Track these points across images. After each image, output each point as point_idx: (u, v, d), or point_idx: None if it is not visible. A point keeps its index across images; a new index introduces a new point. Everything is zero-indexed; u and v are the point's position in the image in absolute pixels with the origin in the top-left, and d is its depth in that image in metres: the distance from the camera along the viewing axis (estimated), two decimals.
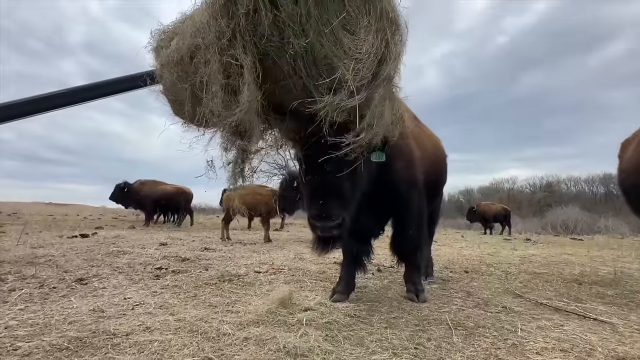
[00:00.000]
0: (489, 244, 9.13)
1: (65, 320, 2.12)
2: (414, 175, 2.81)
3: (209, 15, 1.55)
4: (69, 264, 3.97)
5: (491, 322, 2.32)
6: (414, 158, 2.82)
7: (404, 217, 2.85)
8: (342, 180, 2.04)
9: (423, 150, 3.05)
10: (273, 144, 2.17)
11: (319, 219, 2.04)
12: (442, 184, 3.86)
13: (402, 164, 2.68)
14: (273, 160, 2.25)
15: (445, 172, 3.83)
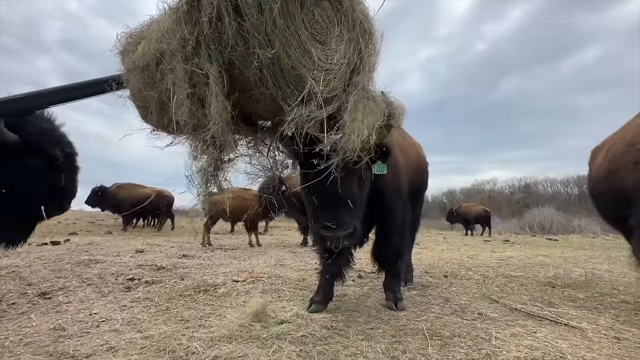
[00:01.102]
0: (469, 246, 9.32)
1: (21, 342, 1.98)
2: (399, 184, 2.83)
3: (173, 21, 1.48)
4: (34, 276, 3.74)
5: (467, 330, 2.33)
6: (399, 167, 2.83)
7: (387, 225, 2.85)
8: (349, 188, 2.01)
9: (407, 158, 3.09)
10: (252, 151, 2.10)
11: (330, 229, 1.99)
12: (424, 191, 3.92)
13: (389, 173, 2.69)
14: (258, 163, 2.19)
15: (427, 180, 3.86)
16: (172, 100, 1.65)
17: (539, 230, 19.31)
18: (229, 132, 1.52)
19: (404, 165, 2.95)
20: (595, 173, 3.23)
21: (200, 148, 1.76)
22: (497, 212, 29.28)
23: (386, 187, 2.70)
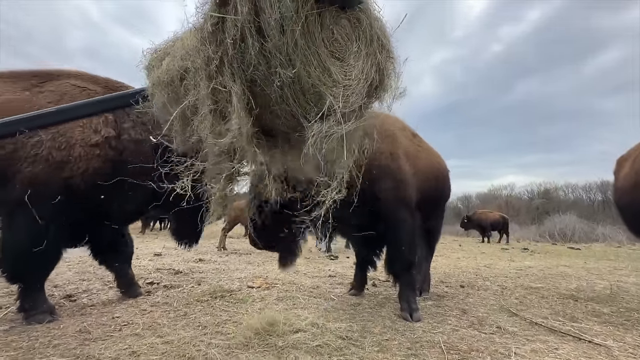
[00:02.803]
0: (486, 254, 9.10)
1: (49, 344, 2.07)
2: (403, 195, 2.82)
3: (198, 41, 1.54)
4: (60, 278, 3.91)
5: (485, 344, 2.29)
6: (404, 177, 2.84)
7: (394, 236, 2.86)
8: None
9: (417, 168, 3.07)
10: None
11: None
12: (443, 199, 3.85)
13: (391, 184, 2.71)
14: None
15: (447, 188, 3.82)
16: (195, 114, 1.71)
17: (559, 238, 18.66)
18: (250, 146, 1.56)
19: (410, 173, 2.96)
20: (622, 183, 3.13)
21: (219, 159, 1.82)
22: (515, 218, 28.48)
23: (387, 197, 2.72)
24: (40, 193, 2.34)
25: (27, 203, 2.28)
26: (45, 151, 2.36)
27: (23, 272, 2.48)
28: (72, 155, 2.44)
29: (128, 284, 3.24)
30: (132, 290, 3.23)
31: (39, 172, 2.33)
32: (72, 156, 2.44)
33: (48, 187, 2.37)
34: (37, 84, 2.58)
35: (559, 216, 21.98)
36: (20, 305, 2.48)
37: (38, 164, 2.34)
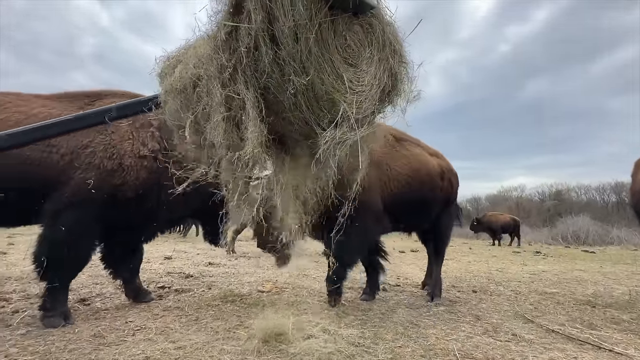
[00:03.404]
0: (497, 258, 8.95)
1: (65, 348, 2.10)
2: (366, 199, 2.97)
3: (211, 49, 1.56)
4: (74, 281, 3.96)
5: (501, 352, 2.24)
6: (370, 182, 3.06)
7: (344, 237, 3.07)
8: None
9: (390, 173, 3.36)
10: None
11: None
12: (434, 201, 3.79)
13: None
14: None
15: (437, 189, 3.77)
16: (207, 121, 1.73)
17: (573, 240, 18.23)
18: (263, 153, 1.56)
19: (376, 179, 3.23)
20: None
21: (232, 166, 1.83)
22: (526, 220, 27.97)
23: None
24: (91, 197, 2.55)
25: (74, 206, 2.52)
26: (97, 160, 2.59)
27: (55, 270, 2.60)
28: (122, 164, 2.68)
29: (136, 291, 3.27)
30: (141, 296, 3.25)
31: (89, 177, 2.54)
32: (122, 166, 2.68)
33: (98, 191, 2.57)
34: (89, 103, 2.83)
35: (571, 218, 21.49)
36: (42, 303, 2.57)
37: (90, 171, 2.56)
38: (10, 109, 2.54)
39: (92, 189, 2.55)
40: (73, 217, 2.53)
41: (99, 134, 2.66)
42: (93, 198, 2.57)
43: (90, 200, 2.57)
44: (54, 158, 2.51)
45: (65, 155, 2.55)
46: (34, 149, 2.45)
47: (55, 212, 2.53)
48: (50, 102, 2.73)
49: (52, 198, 2.53)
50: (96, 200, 2.58)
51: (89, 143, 2.61)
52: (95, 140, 2.64)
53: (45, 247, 2.56)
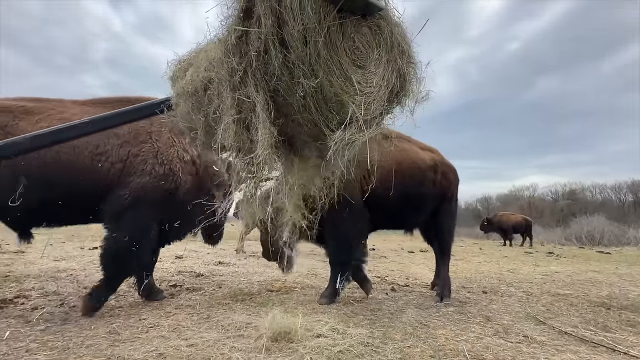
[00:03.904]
0: (508, 258, 8.82)
1: (82, 344, 2.17)
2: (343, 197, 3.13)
3: (222, 52, 1.59)
4: (89, 279, 4.08)
5: (512, 354, 2.22)
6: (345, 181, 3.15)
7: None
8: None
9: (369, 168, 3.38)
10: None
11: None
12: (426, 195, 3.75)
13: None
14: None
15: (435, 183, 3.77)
16: (218, 123, 1.77)
17: (587, 241, 17.81)
18: (273, 155, 1.59)
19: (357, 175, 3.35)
20: None
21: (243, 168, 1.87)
22: (538, 220, 27.43)
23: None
24: (147, 197, 2.83)
25: (133, 208, 2.79)
26: (149, 167, 2.86)
27: (120, 266, 2.88)
28: (172, 169, 2.95)
29: (149, 290, 3.34)
30: (153, 294, 3.33)
31: (145, 182, 2.82)
32: (172, 170, 2.95)
33: (152, 193, 2.84)
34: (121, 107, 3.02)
35: (586, 218, 21.00)
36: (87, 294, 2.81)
37: (144, 176, 2.83)
38: (54, 115, 2.75)
39: (147, 192, 2.82)
40: (133, 219, 2.80)
41: (145, 143, 2.91)
42: (149, 201, 2.83)
43: (146, 203, 2.82)
44: (105, 166, 2.76)
45: (116, 163, 2.80)
46: (85, 156, 2.71)
47: (117, 214, 2.79)
48: (87, 107, 2.93)
49: (111, 201, 2.79)
50: (151, 203, 2.84)
51: (139, 152, 2.87)
52: (144, 148, 2.89)
53: (109, 246, 2.84)
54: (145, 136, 2.93)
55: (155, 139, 2.95)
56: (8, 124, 2.60)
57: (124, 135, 2.85)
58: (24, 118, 2.66)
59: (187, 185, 3.06)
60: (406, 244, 12.31)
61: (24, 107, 2.73)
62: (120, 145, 2.82)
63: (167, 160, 2.94)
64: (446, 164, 4.02)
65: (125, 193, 2.78)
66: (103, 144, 2.76)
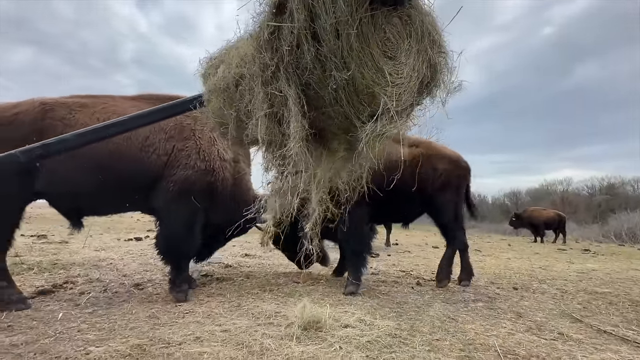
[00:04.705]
0: (540, 255, 8.45)
1: (126, 326, 2.33)
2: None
3: (254, 49, 1.63)
4: (127, 268, 4.35)
5: (546, 351, 2.16)
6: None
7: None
8: None
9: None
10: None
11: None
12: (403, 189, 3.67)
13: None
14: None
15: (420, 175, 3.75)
16: (250, 118, 1.82)
17: (628, 238, 16.70)
18: (304, 148, 1.62)
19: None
20: None
21: (273, 162, 1.92)
22: (572, 216, 25.95)
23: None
24: (191, 190, 3.06)
25: (179, 198, 3.03)
26: (192, 162, 3.09)
27: (174, 253, 3.15)
28: (213, 165, 3.18)
29: None
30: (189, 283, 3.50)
31: (189, 174, 3.06)
32: (213, 166, 3.18)
33: (196, 186, 3.08)
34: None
35: (626, 214, 19.61)
36: (170, 279, 3.14)
37: (188, 169, 3.06)
38: (107, 108, 3.00)
39: (191, 184, 3.05)
40: (180, 208, 3.06)
41: (189, 140, 3.13)
42: (193, 192, 3.06)
43: (191, 194, 3.04)
44: (152, 157, 2.99)
45: (162, 155, 3.02)
46: (135, 146, 2.94)
47: (167, 202, 3.04)
48: (135, 102, 3.19)
49: (159, 192, 3.04)
50: (195, 195, 3.07)
51: (183, 147, 3.09)
52: (187, 144, 3.11)
53: (162, 234, 3.15)
54: (189, 133, 3.14)
55: (199, 137, 3.15)
56: (66, 116, 2.85)
57: (169, 130, 3.07)
58: (80, 111, 2.92)
59: (226, 182, 3.29)
60: (430, 239, 12.08)
61: (80, 102, 3.00)
62: (167, 139, 3.05)
63: (208, 157, 3.15)
64: (437, 155, 4.03)
65: (171, 185, 3.01)
66: (152, 136, 2.98)
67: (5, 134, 2.67)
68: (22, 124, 2.74)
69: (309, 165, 1.94)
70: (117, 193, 3.02)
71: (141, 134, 2.95)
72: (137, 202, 3.17)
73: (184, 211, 3.07)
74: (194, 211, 3.13)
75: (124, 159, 2.89)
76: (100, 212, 3.38)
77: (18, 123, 2.75)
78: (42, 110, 2.83)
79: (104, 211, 3.38)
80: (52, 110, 2.84)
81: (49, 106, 2.86)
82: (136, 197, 3.08)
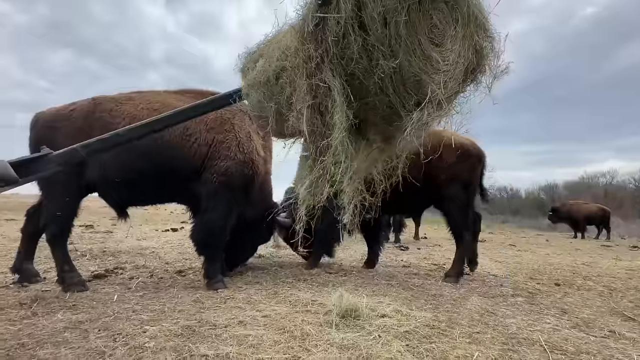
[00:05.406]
0: (582, 251, 7.98)
1: (175, 309, 2.49)
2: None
3: (297, 41, 1.66)
4: (168, 256, 4.62)
5: (597, 348, 2.06)
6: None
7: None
8: None
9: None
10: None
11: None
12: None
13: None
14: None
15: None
16: (291, 110, 1.86)
17: None
18: (346, 139, 1.64)
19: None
20: None
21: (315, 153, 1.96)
22: (617, 211, 24.04)
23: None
24: (231, 181, 3.19)
25: (220, 190, 3.15)
26: (232, 153, 3.21)
27: (211, 244, 3.22)
28: (252, 157, 3.31)
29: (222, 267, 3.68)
30: (224, 271, 3.66)
31: (229, 165, 3.18)
32: (252, 158, 3.30)
33: (235, 178, 3.20)
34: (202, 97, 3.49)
35: None
36: (205, 272, 3.22)
37: (228, 161, 3.18)
38: (151, 100, 3.20)
39: (231, 175, 3.17)
40: (221, 200, 3.17)
41: (229, 132, 3.26)
42: (232, 184, 3.19)
43: (230, 186, 3.18)
44: (193, 147, 3.11)
45: (202, 145, 3.14)
46: (176, 135, 3.05)
47: (208, 195, 3.15)
48: (179, 95, 3.36)
49: (201, 183, 3.16)
50: (234, 187, 3.20)
51: (224, 139, 3.21)
52: (228, 137, 3.23)
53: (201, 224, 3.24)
54: (229, 125, 3.26)
55: (238, 130, 3.27)
56: (113, 109, 3.08)
57: (210, 122, 3.19)
58: (127, 103, 3.14)
59: (259, 177, 3.42)
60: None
61: (127, 96, 3.23)
62: (207, 130, 3.17)
63: (247, 150, 3.28)
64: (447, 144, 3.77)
65: (213, 176, 3.13)
66: (192, 126, 3.11)
67: (65, 127, 2.99)
68: (77, 118, 3.03)
69: (349, 155, 1.96)
70: (160, 182, 3.15)
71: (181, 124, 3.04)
72: (179, 193, 3.32)
73: (224, 202, 3.17)
74: (232, 203, 3.24)
75: (166, 148, 3.02)
76: (144, 202, 3.54)
77: (74, 118, 3.03)
78: (92, 104, 3.09)
79: (147, 201, 3.54)
80: (101, 105, 3.09)
81: (98, 101, 3.12)
82: (178, 187, 3.22)
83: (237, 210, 3.33)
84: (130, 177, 3.02)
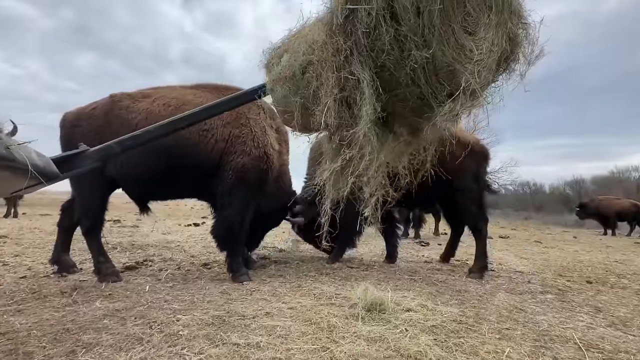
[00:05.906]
0: (614, 249, 7.61)
1: (204, 300, 2.57)
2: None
3: (325, 34, 1.66)
4: (193, 250, 4.76)
5: (636, 347, 1.98)
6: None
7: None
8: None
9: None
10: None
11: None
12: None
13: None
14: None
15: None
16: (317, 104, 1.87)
17: None
18: (373, 132, 1.63)
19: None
20: None
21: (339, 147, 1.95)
22: None
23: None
24: (247, 177, 3.21)
25: (237, 186, 3.19)
26: (248, 148, 3.24)
27: (231, 239, 3.28)
28: (267, 153, 3.33)
29: (245, 260, 3.76)
30: (249, 264, 3.75)
31: (245, 161, 3.21)
32: (267, 153, 3.32)
33: (251, 173, 3.23)
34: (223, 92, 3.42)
35: None
36: (229, 266, 3.28)
37: (244, 156, 3.22)
38: (167, 96, 3.27)
39: (247, 171, 3.19)
40: (238, 196, 3.20)
41: (245, 127, 3.29)
42: (248, 179, 3.22)
43: (247, 181, 3.21)
44: (210, 142, 3.15)
45: (219, 141, 3.18)
46: (194, 131, 3.06)
47: (225, 191, 3.20)
48: (194, 90, 3.41)
49: (219, 179, 3.20)
50: (250, 182, 3.23)
51: (240, 133, 3.24)
52: (243, 131, 3.25)
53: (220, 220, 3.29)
54: (244, 120, 3.29)
55: (253, 125, 3.30)
56: (130, 105, 3.18)
57: (225, 117, 3.21)
58: (143, 100, 3.22)
59: (274, 171, 3.44)
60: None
61: (143, 93, 3.33)
62: (223, 125, 3.21)
63: (262, 144, 3.30)
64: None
65: (230, 173, 3.16)
66: (209, 122, 3.13)
67: (88, 125, 3.14)
68: (97, 116, 3.16)
69: (374, 148, 1.94)
70: (181, 177, 3.21)
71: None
72: (198, 188, 3.38)
73: (240, 198, 3.22)
74: (249, 197, 3.28)
75: (185, 143, 3.05)
76: (164, 197, 3.60)
77: (95, 116, 3.17)
78: (111, 102, 3.21)
79: (167, 195, 3.59)
80: (120, 101, 3.20)
81: (117, 98, 3.24)
82: (197, 182, 3.29)
83: (254, 204, 3.37)
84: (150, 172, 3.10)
